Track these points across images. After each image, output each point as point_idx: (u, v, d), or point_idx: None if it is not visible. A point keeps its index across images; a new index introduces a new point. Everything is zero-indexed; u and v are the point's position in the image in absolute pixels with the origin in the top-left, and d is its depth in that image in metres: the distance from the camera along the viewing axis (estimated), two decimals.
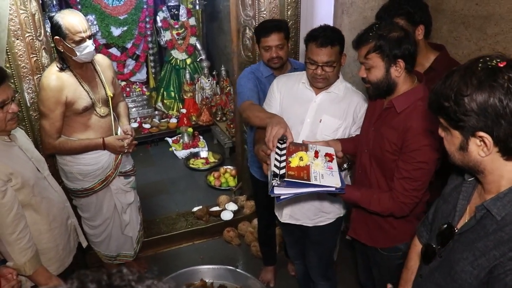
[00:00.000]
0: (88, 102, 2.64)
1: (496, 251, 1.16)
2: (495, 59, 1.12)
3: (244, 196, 4.13)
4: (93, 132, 2.74)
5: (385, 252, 2.15)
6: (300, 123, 2.32)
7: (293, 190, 1.87)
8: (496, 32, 2.12)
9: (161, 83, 6.11)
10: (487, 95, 1.09)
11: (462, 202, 1.36)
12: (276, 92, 2.43)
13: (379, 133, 1.98)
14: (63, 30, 2.40)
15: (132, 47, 5.71)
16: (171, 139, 5.67)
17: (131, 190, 3.14)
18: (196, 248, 3.77)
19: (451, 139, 1.24)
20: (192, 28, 5.92)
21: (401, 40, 1.79)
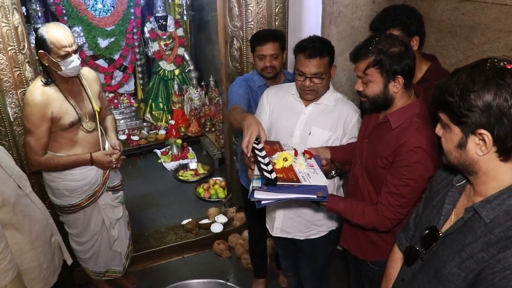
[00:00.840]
0: (75, 117, 2.59)
1: (485, 253, 1.16)
2: (502, 61, 1.14)
3: (234, 208, 4.09)
4: (80, 148, 2.69)
5: (376, 267, 2.10)
6: (290, 135, 2.29)
7: (274, 196, 1.83)
8: (483, 42, 2.12)
9: (149, 94, 6.08)
10: (493, 93, 1.10)
11: (448, 206, 1.37)
12: (266, 104, 2.40)
13: (372, 147, 1.95)
14: (48, 44, 2.36)
15: (120, 58, 5.68)
16: (160, 151, 5.61)
17: (120, 205, 3.08)
18: (186, 262, 3.71)
19: (450, 136, 1.24)
20: (180, 38, 5.90)
21: (401, 55, 1.75)
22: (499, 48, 2.05)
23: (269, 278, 3.40)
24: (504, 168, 1.19)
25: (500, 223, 1.16)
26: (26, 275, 1.97)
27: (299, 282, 2.77)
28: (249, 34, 3.11)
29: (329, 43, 2.18)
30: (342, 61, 3.27)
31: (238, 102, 2.55)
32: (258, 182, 1.83)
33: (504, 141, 1.13)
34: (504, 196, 1.18)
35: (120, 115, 5.80)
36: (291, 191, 1.84)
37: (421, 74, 2.25)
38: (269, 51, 2.56)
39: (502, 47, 2.03)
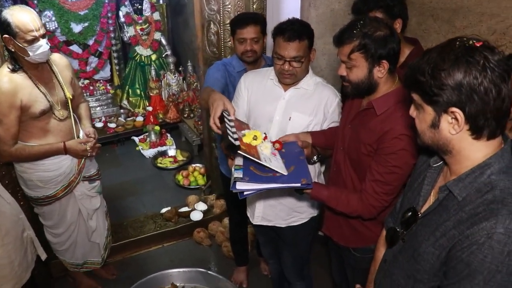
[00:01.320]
0: (46, 105, 2.49)
1: (456, 230, 1.18)
2: (471, 39, 1.14)
3: (214, 195, 4.04)
4: (52, 137, 2.60)
5: (358, 254, 2.09)
6: (269, 121, 2.24)
7: (257, 186, 1.79)
8: (465, 25, 2.08)
9: (126, 80, 5.96)
10: (463, 71, 1.10)
11: (427, 187, 1.38)
12: (243, 90, 2.34)
13: (355, 133, 1.91)
14: (13, 28, 2.23)
15: (94, 43, 5.54)
16: (137, 138, 5.52)
17: (97, 195, 3.00)
18: (166, 251, 3.66)
19: (423, 117, 1.24)
20: (156, 23, 5.78)
21: (386, 39, 1.70)
22: (481, 31, 2.01)
23: (251, 265, 3.37)
24: (476, 146, 1.19)
25: (471, 200, 1.18)
26: None
27: (281, 270, 2.74)
28: (226, 18, 3.03)
29: (309, 26, 2.12)
30: (321, 44, 3.21)
31: (211, 85, 2.49)
32: (239, 173, 1.79)
33: (476, 119, 1.14)
34: (476, 174, 1.19)
35: (96, 102, 5.69)
36: (274, 181, 1.80)
37: (403, 58, 2.21)
38: (249, 35, 2.50)
39: (484, 30, 2.00)
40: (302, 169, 1.90)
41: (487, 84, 1.09)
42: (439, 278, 1.25)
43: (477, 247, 1.10)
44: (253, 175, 1.81)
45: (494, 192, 1.14)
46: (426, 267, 1.27)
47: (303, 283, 2.68)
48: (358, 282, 2.13)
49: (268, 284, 3.23)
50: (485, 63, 1.09)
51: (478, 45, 1.12)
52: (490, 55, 1.10)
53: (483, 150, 1.19)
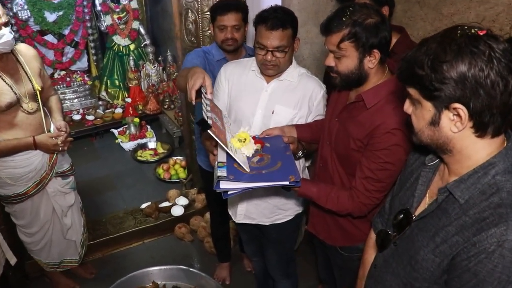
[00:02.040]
0: (12, 97, 2.37)
1: (459, 237, 1.09)
2: (473, 27, 1.05)
3: (195, 189, 3.94)
4: (21, 131, 2.48)
5: (345, 253, 2.02)
6: (252, 114, 2.13)
7: (242, 185, 1.69)
8: (452, 12, 2.00)
9: (104, 71, 5.79)
10: (468, 62, 1.01)
11: (421, 187, 1.29)
12: (224, 81, 2.22)
13: (343, 127, 1.81)
14: None
15: (70, 33, 5.36)
16: (117, 130, 5.38)
17: (71, 191, 2.88)
18: (146, 247, 3.57)
19: (421, 113, 1.14)
20: (134, 11, 5.61)
21: (378, 27, 1.60)
22: (469, 19, 1.94)
23: (233, 261, 3.30)
24: (480, 144, 1.10)
25: (475, 204, 1.09)
26: None
27: (265, 267, 2.67)
28: (204, 5, 2.91)
29: (293, 14, 2.00)
30: (304, 33, 3.12)
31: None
32: (223, 171, 1.69)
33: (481, 115, 1.04)
34: (479, 174, 1.10)
35: (73, 93, 5.53)
36: (260, 179, 1.70)
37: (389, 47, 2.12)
38: (230, 22, 2.39)
39: (472, 17, 1.92)
40: (289, 165, 1.79)
41: (494, 76, 0.99)
42: (440, 286, 1.17)
43: (485, 256, 1.02)
44: (238, 173, 1.71)
45: (500, 194, 1.05)
46: (425, 275, 1.19)
47: (288, 280, 2.61)
48: (345, 281, 2.08)
49: (251, 280, 3.15)
50: (491, 53, 0.99)
51: (481, 33, 1.02)
52: (495, 44, 1.00)
53: (486, 148, 1.11)
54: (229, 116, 2.20)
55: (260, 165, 1.79)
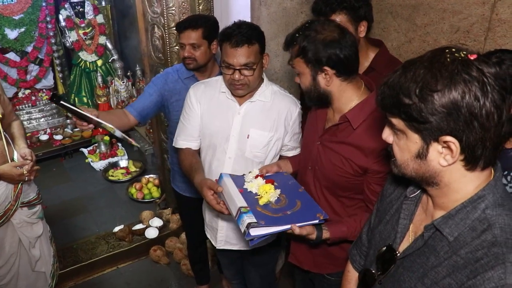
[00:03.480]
0: None
1: (451, 279, 0.99)
2: (461, 50, 0.95)
3: (169, 209, 3.80)
4: None
5: (333, 277, 1.93)
6: (226, 140, 2.03)
7: (272, 229, 1.59)
8: (426, 23, 1.94)
9: (71, 88, 5.62)
10: (461, 91, 0.91)
11: (404, 221, 1.19)
12: (195, 104, 2.09)
13: (329, 150, 1.73)
14: None
15: (33, 50, 5.19)
16: (86, 149, 5.24)
17: (38, 220, 2.69)
18: (121, 273, 3.42)
19: (405, 145, 1.04)
20: (100, 26, 5.46)
21: (328, 43, 1.52)
22: (443, 29, 1.88)
23: (212, 283, 3.18)
24: (469, 177, 1.01)
25: (466, 242, 0.99)
26: None
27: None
28: (170, 21, 2.80)
29: (258, 29, 1.91)
30: (274, 45, 3.03)
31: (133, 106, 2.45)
32: (251, 217, 1.58)
33: (474, 148, 0.95)
34: (468, 209, 1.01)
35: (39, 113, 5.36)
36: (288, 220, 1.61)
37: (368, 62, 2.03)
38: (187, 40, 2.30)
39: (447, 28, 1.86)
40: (310, 203, 1.73)
41: (489, 106, 0.90)
42: None
43: None
44: (266, 217, 1.62)
45: (493, 231, 0.96)
46: None
47: None
48: None
49: None
50: (484, 79, 0.90)
51: (472, 58, 0.93)
52: (486, 69, 0.91)
53: (474, 181, 1.02)
54: (203, 140, 2.11)
55: (281, 206, 1.71)
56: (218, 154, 2.06)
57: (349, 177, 1.70)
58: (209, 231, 2.29)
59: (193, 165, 2.04)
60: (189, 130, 2.12)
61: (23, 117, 5.26)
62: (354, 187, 1.73)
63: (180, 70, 2.48)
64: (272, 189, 1.76)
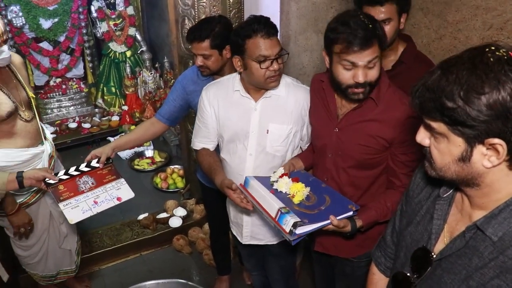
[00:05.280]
0: (11, 106, 2.32)
1: (501, 280, 0.97)
2: (501, 48, 0.92)
3: (193, 199, 3.86)
4: (21, 139, 2.42)
5: (356, 259, 2.00)
6: (245, 137, 2.05)
7: (313, 226, 1.64)
8: (458, 20, 1.93)
9: (100, 78, 5.74)
10: (510, 91, 0.88)
11: (437, 222, 1.16)
12: (208, 107, 2.11)
13: (351, 132, 1.79)
14: None
15: (66, 40, 5.32)
16: (113, 138, 5.28)
17: None
18: (144, 260, 3.49)
19: (446, 149, 1.01)
20: (130, 18, 5.55)
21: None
22: (475, 26, 1.86)
23: (233, 274, 3.22)
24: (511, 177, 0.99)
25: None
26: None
27: (265, 281, 2.62)
28: (201, 13, 2.85)
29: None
30: (303, 40, 3.05)
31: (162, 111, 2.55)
32: (294, 217, 1.62)
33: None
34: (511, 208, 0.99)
35: (69, 101, 5.48)
36: (324, 216, 1.67)
37: (396, 56, 2.04)
38: (197, 51, 2.29)
39: (479, 25, 1.84)
40: (337, 196, 1.80)
41: None
42: None
43: None
44: (307, 215, 1.67)
45: None
46: None
47: None
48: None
49: None
50: None
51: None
52: None
53: None
54: (222, 138, 2.14)
55: (313, 203, 1.76)
56: (239, 152, 2.09)
57: (374, 154, 1.78)
58: (234, 228, 2.33)
59: (211, 165, 2.10)
60: (204, 132, 2.17)
61: (54, 104, 5.40)
62: (378, 163, 1.82)
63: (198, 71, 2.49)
64: (303, 187, 1.80)
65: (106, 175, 2.27)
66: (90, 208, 2.09)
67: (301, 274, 3.16)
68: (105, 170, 2.31)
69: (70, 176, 2.19)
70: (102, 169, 2.29)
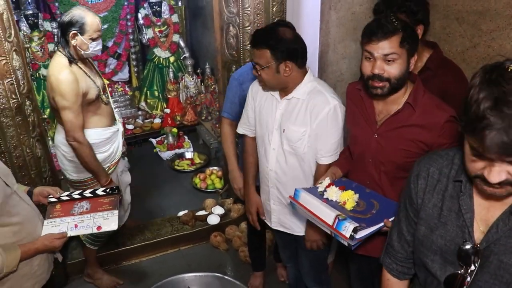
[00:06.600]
0: (97, 89, 2.78)
1: None
2: None
3: (231, 198, 4.00)
4: (103, 118, 2.89)
5: None
6: (271, 132, 2.26)
7: (370, 229, 1.74)
8: (492, 29, 2.01)
9: (144, 82, 5.97)
10: None
11: (468, 215, 1.22)
12: (250, 99, 2.39)
13: (391, 138, 1.87)
14: (85, 26, 2.60)
15: (113, 45, 5.57)
16: (155, 140, 5.51)
17: (127, 170, 3.36)
18: (182, 255, 3.64)
19: None
20: (175, 25, 5.77)
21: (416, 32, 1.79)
22: (510, 35, 1.94)
23: (267, 271, 3.32)
24: None
25: None
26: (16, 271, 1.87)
27: (298, 274, 2.72)
28: (245, 20, 3.00)
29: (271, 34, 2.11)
30: (342, 48, 3.16)
31: (227, 110, 2.70)
32: (352, 223, 1.70)
33: None
34: None
35: (114, 103, 5.60)
36: (378, 219, 1.77)
37: (422, 63, 2.15)
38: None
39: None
40: (384, 200, 1.89)
41: None
42: None
43: None
44: (363, 219, 1.76)
45: None
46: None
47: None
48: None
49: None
50: None
51: None
52: None
53: None
54: (256, 131, 2.37)
55: (364, 209, 1.85)
56: (266, 145, 2.30)
57: (413, 158, 1.79)
58: (265, 212, 2.53)
59: (249, 167, 2.52)
60: (245, 119, 2.45)
61: None
62: None
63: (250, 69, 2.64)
64: (353, 194, 1.87)
65: (104, 204, 2.16)
66: (67, 230, 2.01)
67: (333, 273, 3.25)
68: (108, 199, 2.19)
69: (71, 198, 2.15)
70: (104, 197, 2.19)
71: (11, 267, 1.79)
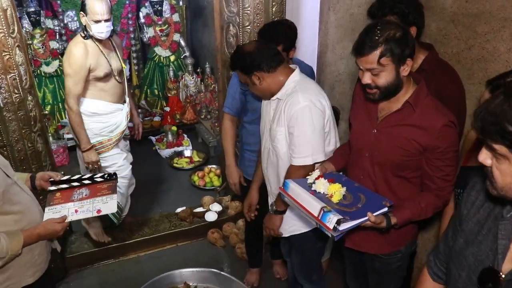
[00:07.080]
0: (108, 68, 3.08)
1: None
2: None
3: (229, 196, 4.05)
4: (109, 96, 3.21)
5: (385, 256, 2.10)
6: (267, 131, 2.35)
7: (353, 222, 1.75)
8: (486, 31, 2.05)
9: (145, 80, 6.02)
10: None
11: (503, 242, 1.15)
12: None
13: (389, 134, 1.91)
14: (87, 8, 2.88)
15: None
16: (154, 137, 5.56)
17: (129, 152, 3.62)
18: (180, 250, 3.69)
19: (508, 170, 1.04)
20: (175, 24, 5.83)
21: (406, 38, 1.73)
22: (503, 37, 1.98)
23: (263, 268, 3.37)
24: None
25: None
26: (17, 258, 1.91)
27: None
28: (245, 20, 3.04)
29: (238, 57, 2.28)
30: (340, 49, 3.21)
31: (228, 105, 2.74)
32: (337, 215, 1.73)
33: None
34: None
35: None
36: (362, 213, 1.79)
37: (417, 64, 2.18)
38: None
39: (507, 36, 1.96)
40: (371, 194, 1.92)
41: None
42: None
43: None
44: (347, 213, 1.78)
45: None
46: None
47: (313, 286, 2.67)
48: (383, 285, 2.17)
49: (279, 286, 3.24)
50: None
51: None
52: None
53: None
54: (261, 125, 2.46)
55: (350, 202, 1.87)
56: (263, 143, 2.42)
57: (409, 157, 1.87)
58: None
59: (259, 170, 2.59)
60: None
61: None
62: (412, 165, 1.91)
63: None
64: (340, 187, 1.90)
65: (103, 189, 2.17)
66: (68, 215, 2.03)
67: (329, 271, 3.29)
68: (106, 184, 2.20)
69: (71, 186, 2.17)
70: (102, 183, 2.21)
71: (15, 251, 1.83)
